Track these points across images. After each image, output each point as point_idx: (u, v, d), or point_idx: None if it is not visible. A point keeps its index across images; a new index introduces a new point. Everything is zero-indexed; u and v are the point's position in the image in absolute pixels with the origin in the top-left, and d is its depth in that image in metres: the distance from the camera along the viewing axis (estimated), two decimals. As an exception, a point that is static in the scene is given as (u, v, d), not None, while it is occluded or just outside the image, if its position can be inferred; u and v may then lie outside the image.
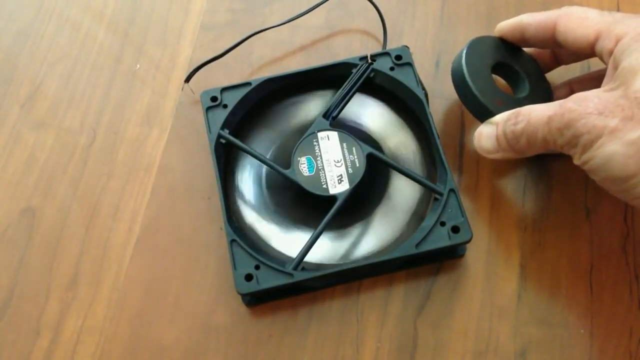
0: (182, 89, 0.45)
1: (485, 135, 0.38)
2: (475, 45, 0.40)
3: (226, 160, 0.41)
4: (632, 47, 0.33)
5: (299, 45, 0.47)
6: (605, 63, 0.35)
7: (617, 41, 0.34)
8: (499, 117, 0.37)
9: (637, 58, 0.32)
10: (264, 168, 0.41)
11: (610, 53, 0.34)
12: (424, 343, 0.37)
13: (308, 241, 0.37)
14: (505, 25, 0.40)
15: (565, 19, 0.37)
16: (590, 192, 0.41)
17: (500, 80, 0.42)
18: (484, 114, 0.38)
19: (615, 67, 0.34)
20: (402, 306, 0.38)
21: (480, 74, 0.39)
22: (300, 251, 0.37)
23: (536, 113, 0.34)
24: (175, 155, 0.44)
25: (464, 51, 0.39)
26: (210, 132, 0.41)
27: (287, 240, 0.39)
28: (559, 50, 0.41)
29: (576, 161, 0.34)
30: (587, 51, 0.36)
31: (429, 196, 0.40)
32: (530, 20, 0.39)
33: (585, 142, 0.32)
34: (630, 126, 0.31)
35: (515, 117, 0.36)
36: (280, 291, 0.38)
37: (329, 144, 0.40)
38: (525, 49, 0.42)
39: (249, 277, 0.36)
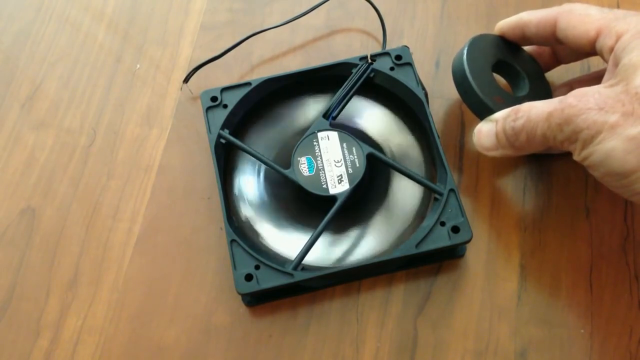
0: (181, 89, 0.45)
1: (485, 132, 0.38)
2: (477, 43, 0.40)
3: (226, 160, 0.41)
4: (632, 44, 0.33)
5: (299, 45, 0.47)
6: (606, 60, 0.35)
7: (618, 38, 0.34)
8: (499, 114, 0.37)
9: (637, 55, 0.32)
10: (264, 168, 0.41)
11: (611, 50, 0.34)
12: (424, 343, 0.37)
13: (308, 241, 0.37)
14: (506, 23, 0.40)
15: (566, 15, 0.37)
16: (590, 192, 0.41)
17: (500, 79, 0.42)
18: (483, 112, 0.38)
19: (616, 64, 0.34)
20: (402, 306, 0.38)
21: (481, 72, 0.39)
22: (301, 251, 0.37)
23: (536, 109, 0.34)
24: (175, 155, 0.44)
25: (466, 48, 0.39)
26: (210, 132, 0.41)
27: (287, 241, 0.39)
28: (559, 48, 0.41)
29: (576, 157, 0.34)
30: (588, 48, 0.36)
31: (429, 196, 0.40)
32: (531, 17, 0.39)
33: (585, 138, 0.32)
34: (631, 122, 0.31)
35: (515, 113, 0.36)
36: (280, 291, 0.38)
37: (329, 144, 0.40)
38: (525, 48, 0.42)
39: (249, 277, 0.36)
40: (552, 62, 0.42)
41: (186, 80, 0.45)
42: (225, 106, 0.41)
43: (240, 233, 0.38)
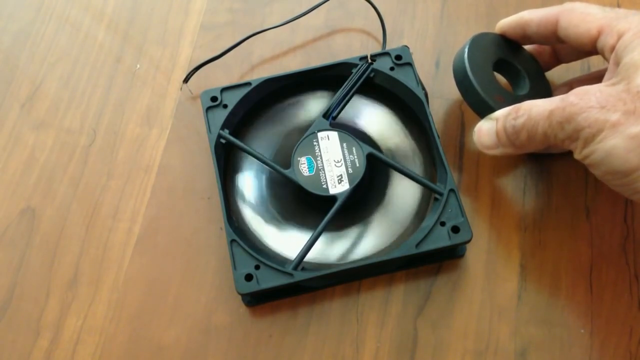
0: (181, 89, 0.45)
1: (485, 130, 0.38)
2: (478, 41, 0.40)
3: (226, 160, 0.41)
4: (634, 43, 0.33)
5: (299, 45, 0.47)
6: (607, 59, 0.35)
7: (619, 37, 0.34)
8: (499, 113, 0.37)
9: (639, 54, 0.32)
10: (264, 168, 0.41)
11: (612, 49, 0.34)
12: (424, 343, 0.37)
13: (308, 241, 0.37)
14: (506, 22, 0.40)
15: (567, 14, 0.37)
16: (591, 191, 0.41)
17: (500, 78, 0.42)
18: (484, 110, 0.38)
19: (617, 63, 0.34)
20: (402, 306, 0.38)
21: (481, 70, 0.39)
22: (301, 251, 0.37)
23: (537, 107, 0.34)
24: (175, 155, 0.44)
25: (467, 46, 0.39)
26: (210, 132, 0.41)
27: (287, 241, 0.39)
28: (560, 47, 0.41)
29: (577, 155, 0.34)
30: (589, 47, 0.36)
31: (429, 196, 0.40)
32: (532, 16, 0.39)
33: (587, 136, 0.32)
34: (632, 120, 0.31)
35: (515, 112, 0.36)
36: (280, 291, 0.38)
37: (329, 144, 0.40)
38: (525, 47, 0.42)
39: (249, 277, 0.36)
40: (552, 61, 0.42)
41: (186, 80, 0.45)
42: (225, 106, 0.41)
43: (240, 233, 0.38)
